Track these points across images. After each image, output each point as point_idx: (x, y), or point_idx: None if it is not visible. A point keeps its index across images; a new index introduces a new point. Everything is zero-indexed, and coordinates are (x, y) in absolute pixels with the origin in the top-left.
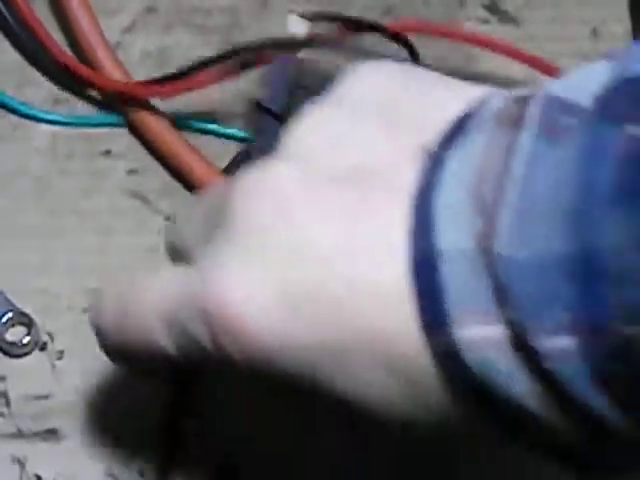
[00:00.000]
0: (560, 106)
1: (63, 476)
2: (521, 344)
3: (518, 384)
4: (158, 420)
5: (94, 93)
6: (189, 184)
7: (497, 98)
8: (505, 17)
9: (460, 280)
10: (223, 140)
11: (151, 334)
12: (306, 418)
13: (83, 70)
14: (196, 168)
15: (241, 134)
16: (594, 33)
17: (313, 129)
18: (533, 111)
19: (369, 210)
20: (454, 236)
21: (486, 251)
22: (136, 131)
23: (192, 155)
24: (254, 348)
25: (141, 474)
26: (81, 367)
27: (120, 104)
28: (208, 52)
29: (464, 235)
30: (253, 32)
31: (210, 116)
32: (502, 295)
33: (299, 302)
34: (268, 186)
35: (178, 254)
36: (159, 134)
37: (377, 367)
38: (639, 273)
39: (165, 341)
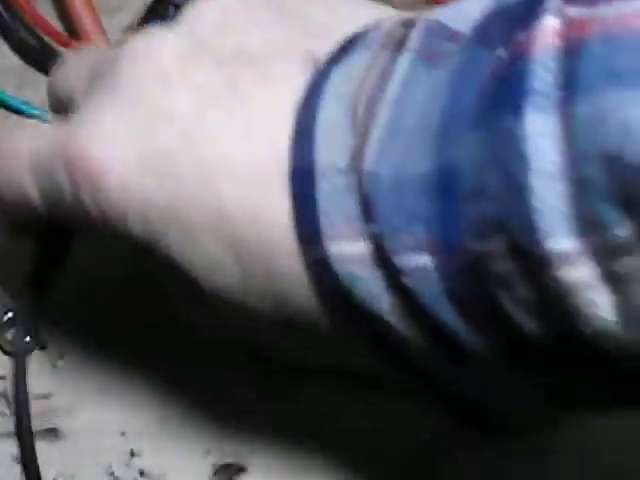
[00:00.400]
0: (443, 33)
1: (63, 476)
2: (383, 261)
3: (381, 300)
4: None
5: None
6: None
7: (390, 21)
8: None
9: (334, 195)
10: None
11: (19, 184)
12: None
13: (74, 44)
14: None
15: None
16: None
17: (211, 8)
18: (415, 35)
19: (246, 98)
20: (331, 151)
21: (357, 168)
22: None
23: None
24: (109, 203)
25: (141, 473)
26: (81, 367)
27: None
28: None
29: (340, 151)
30: None
31: None
32: (367, 211)
33: (156, 165)
34: (153, 53)
35: (60, 105)
36: None
37: (232, 258)
38: (493, 189)
39: (33, 192)
